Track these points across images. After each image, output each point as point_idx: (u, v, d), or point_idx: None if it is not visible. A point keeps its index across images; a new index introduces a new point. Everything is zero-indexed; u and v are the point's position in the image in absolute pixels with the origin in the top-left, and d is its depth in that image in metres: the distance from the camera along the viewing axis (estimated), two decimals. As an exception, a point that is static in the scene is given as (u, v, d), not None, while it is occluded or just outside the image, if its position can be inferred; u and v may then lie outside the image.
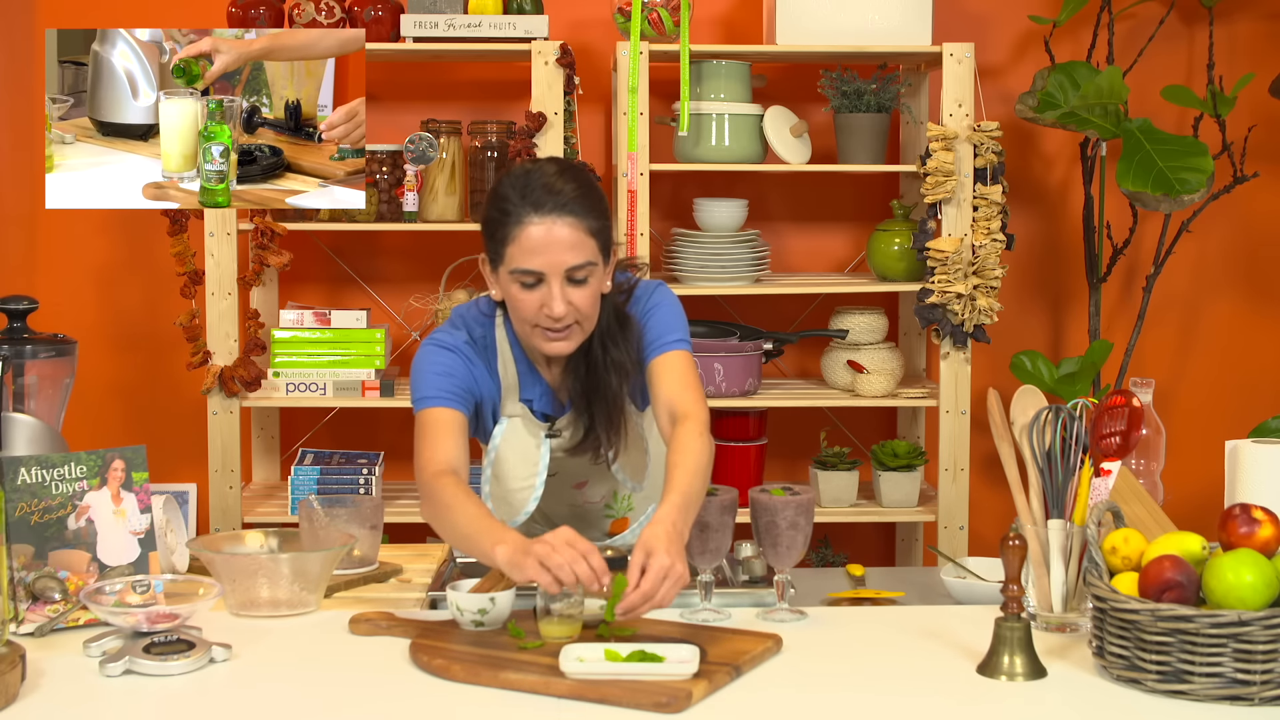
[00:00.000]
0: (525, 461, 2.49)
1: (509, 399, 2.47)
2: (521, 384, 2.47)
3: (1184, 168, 3.69)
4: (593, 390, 2.42)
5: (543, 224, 2.27)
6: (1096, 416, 2.19)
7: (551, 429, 2.48)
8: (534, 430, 2.48)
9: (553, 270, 2.28)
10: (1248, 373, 4.27)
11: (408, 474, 4.18)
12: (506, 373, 2.46)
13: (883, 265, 3.90)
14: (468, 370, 2.41)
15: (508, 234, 2.29)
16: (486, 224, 2.34)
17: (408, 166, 3.73)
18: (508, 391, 2.47)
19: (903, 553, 4.16)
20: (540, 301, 2.29)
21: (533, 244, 2.27)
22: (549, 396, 2.49)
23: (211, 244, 3.72)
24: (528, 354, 2.47)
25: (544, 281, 2.29)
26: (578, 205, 2.29)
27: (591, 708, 1.84)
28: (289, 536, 2.36)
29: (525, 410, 2.48)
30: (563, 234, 2.27)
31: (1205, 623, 1.82)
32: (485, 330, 2.46)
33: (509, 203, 2.29)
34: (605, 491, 2.59)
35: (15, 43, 4.06)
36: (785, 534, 2.20)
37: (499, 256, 2.32)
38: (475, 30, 3.73)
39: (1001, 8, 4.15)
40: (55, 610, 2.15)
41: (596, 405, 2.43)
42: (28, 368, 2.55)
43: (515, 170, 2.35)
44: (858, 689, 1.93)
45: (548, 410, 2.49)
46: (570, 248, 2.27)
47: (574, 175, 2.32)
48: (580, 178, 2.32)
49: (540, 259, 2.27)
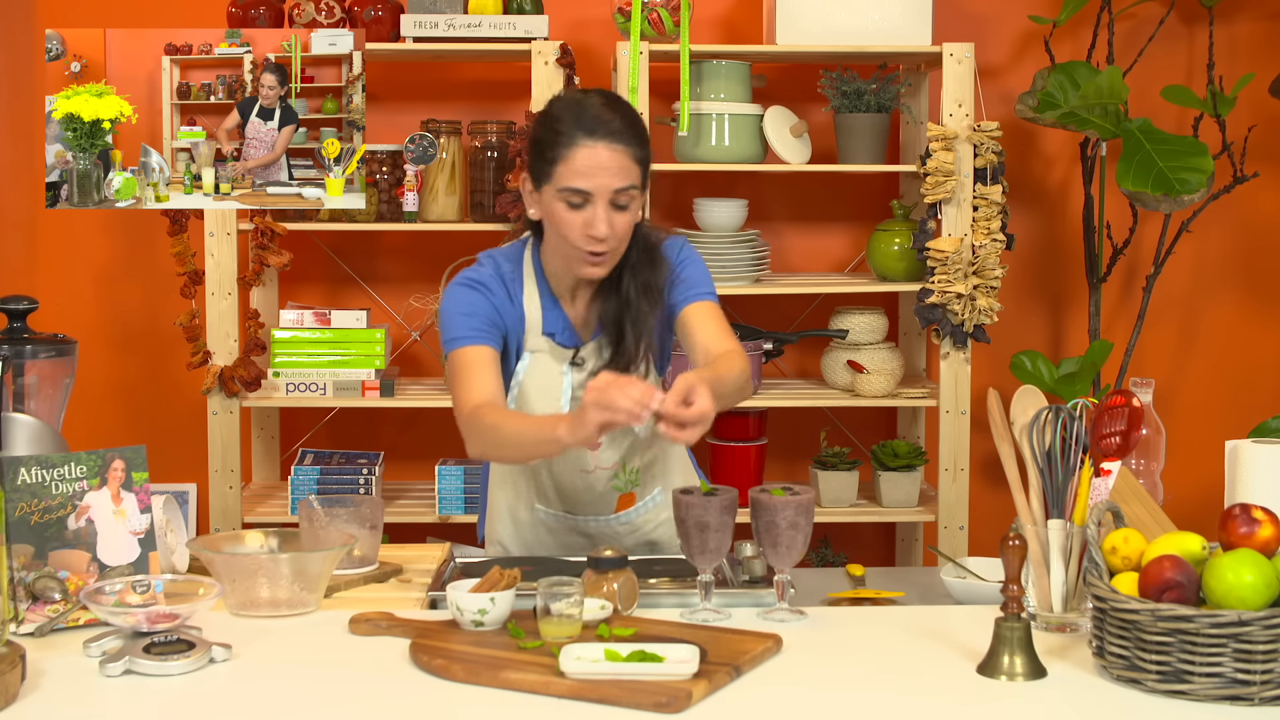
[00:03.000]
0: (548, 395, 2.55)
1: (532, 332, 2.55)
2: (545, 317, 2.54)
3: (1184, 168, 3.69)
4: (624, 311, 2.52)
5: (594, 147, 2.39)
6: (1096, 416, 2.19)
7: (575, 357, 2.55)
8: (558, 359, 2.55)
9: (600, 192, 2.39)
10: (1247, 373, 4.27)
11: (408, 474, 4.18)
12: (531, 305, 2.54)
13: (883, 265, 3.90)
14: (492, 305, 2.51)
15: (558, 154, 2.40)
16: (536, 144, 2.45)
17: (408, 166, 3.73)
18: (531, 324, 2.54)
19: (903, 553, 4.16)
20: (584, 222, 2.40)
21: (584, 165, 2.39)
22: (570, 331, 2.57)
23: (211, 244, 3.72)
24: (553, 288, 2.55)
25: (590, 202, 2.40)
26: (627, 134, 2.41)
27: (591, 708, 1.84)
28: (289, 536, 2.36)
29: (549, 343, 2.55)
30: (612, 159, 2.39)
31: (1205, 623, 1.82)
32: (514, 264, 2.56)
33: (562, 124, 2.41)
34: (616, 455, 2.62)
35: (15, 43, 4.06)
36: (785, 534, 2.20)
37: (546, 175, 2.42)
38: (475, 30, 3.73)
39: (1001, 8, 4.15)
40: (55, 610, 2.15)
41: (627, 325, 2.52)
42: (28, 368, 2.54)
43: (565, 96, 2.48)
44: (858, 689, 1.93)
45: (569, 344, 2.57)
46: (617, 172, 2.39)
47: (622, 106, 2.45)
48: (627, 109, 2.45)
49: (589, 180, 2.39)
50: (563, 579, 2.05)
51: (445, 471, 3.84)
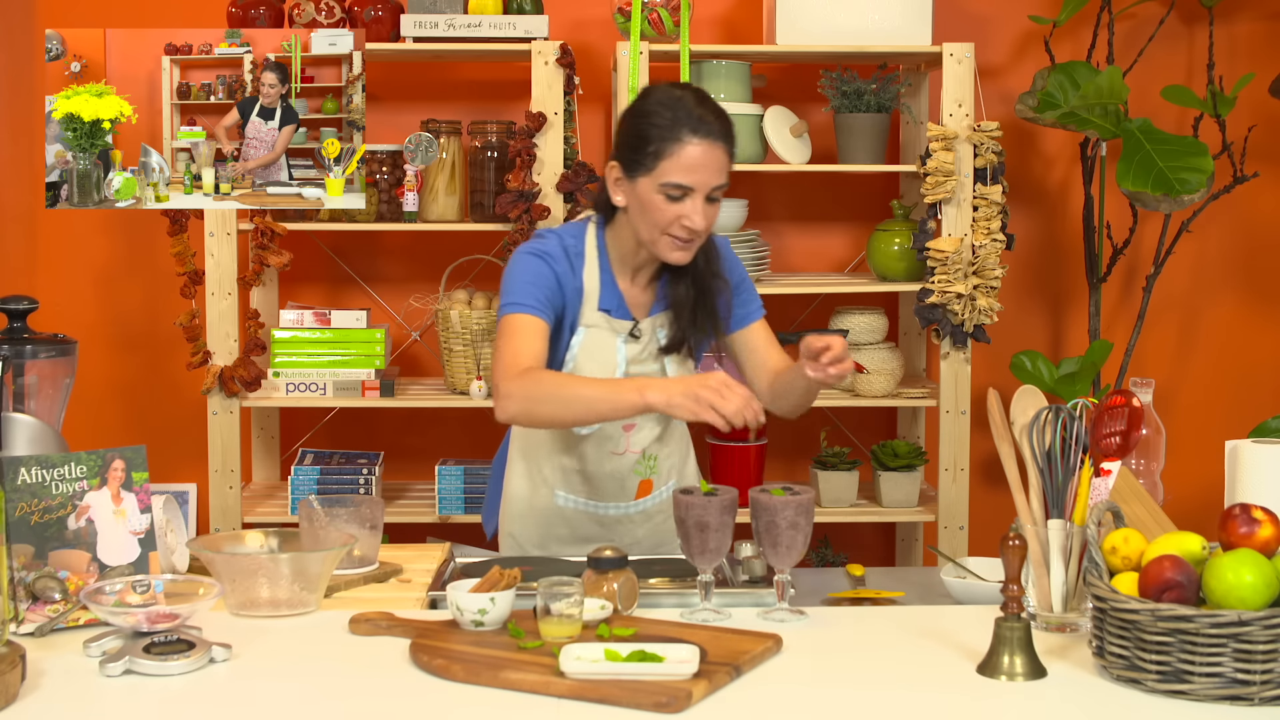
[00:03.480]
0: (603, 367, 2.63)
1: (588, 306, 2.63)
2: (602, 293, 2.63)
3: (1184, 168, 3.69)
4: (697, 292, 2.65)
5: (701, 145, 2.50)
6: (1096, 416, 2.19)
7: (634, 329, 2.65)
8: (614, 332, 2.64)
9: (701, 187, 2.51)
10: (1247, 373, 4.27)
11: (408, 474, 4.18)
12: (590, 279, 2.63)
13: (883, 265, 3.90)
14: (555, 279, 2.59)
15: (663, 149, 2.50)
16: (635, 135, 2.53)
17: (408, 166, 3.73)
18: (589, 298, 2.62)
19: (903, 553, 4.16)
20: (679, 214, 2.51)
21: (692, 161, 2.49)
22: (624, 308, 2.65)
23: (211, 244, 3.72)
24: (614, 267, 2.65)
25: (689, 196, 2.51)
26: (725, 133, 2.54)
27: (591, 708, 1.84)
28: (289, 536, 2.36)
29: (604, 318, 2.63)
30: (714, 157, 2.51)
31: (1205, 623, 1.82)
32: (576, 239, 2.64)
33: (664, 119, 2.51)
34: (645, 441, 2.72)
35: (15, 43, 4.06)
36: (785, 534, 2.20)
37: (645, 167, 2.52)
38: (475, 30, 3.73)
39: (1001, 8, 4.15)
40: (55, 610, 2.15)
41: (699, 305, 2.65)
42: (28, 368, 2.54)
43: (661, 92, 2.55)
44: (858, 689, 1.93)
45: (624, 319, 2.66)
46: (717, 170, 2.52)
47: (715, 104, 2.56)
48: (720, 109, 2.56)
49: (694, 176, 2.50)
50: (563, 579, 2.05)
51: (445, 471, 3.84)
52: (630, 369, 2.64)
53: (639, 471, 2.74)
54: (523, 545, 2.77)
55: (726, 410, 2.28)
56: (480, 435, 4.18)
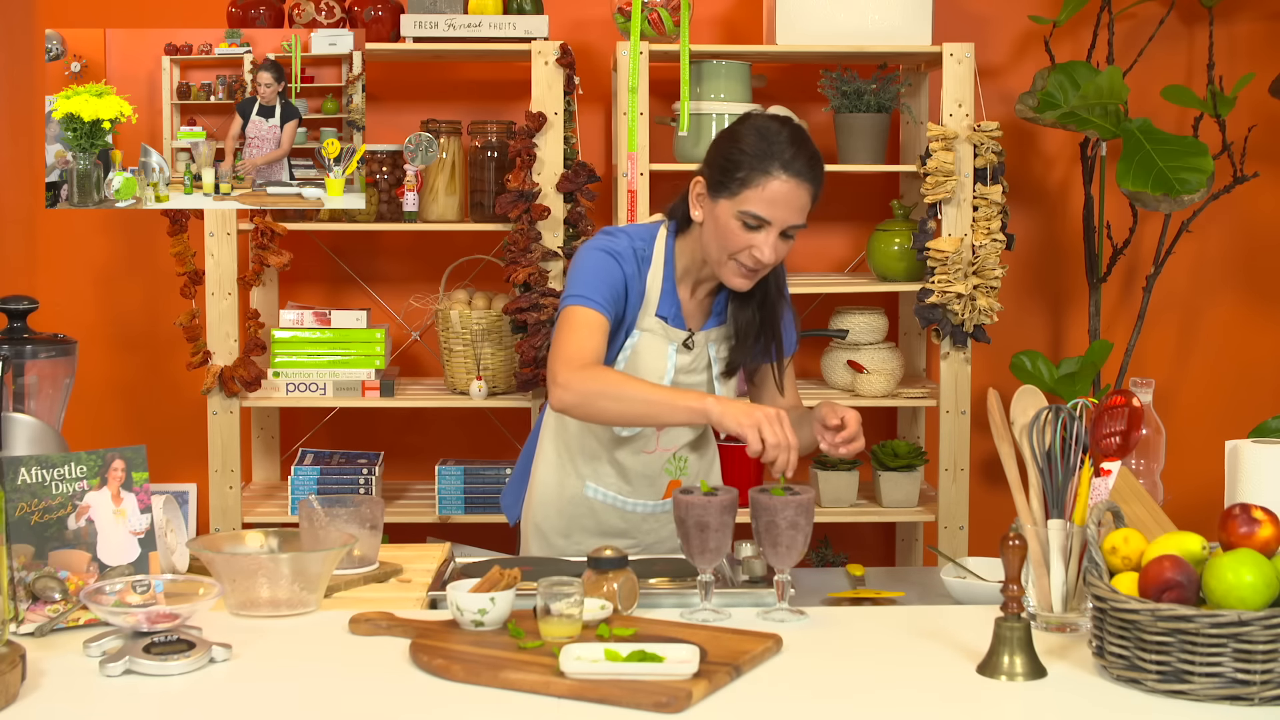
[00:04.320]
0: (653, 372, 2.65)
1: (648, 311, 2.64)
2: (662, 299, 2.65)
3: (1184, 168, 3.69)
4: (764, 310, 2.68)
5: (789, 183, 2.51)
6: (1096, 416, 2.19)
7: (689, 339, 2.67)
8: (668, 340, 2.66)
9: (779, 223, 2.53)
10: (1247, 373, 4.27)
11: (408, 474, 4.18)
12: (653, 283, 2.64)
13: (883, 265, 3.90)
14: (623, 276, 2.60)
15: (750, 178, 2.51)
16: (727, 157, 2.54)
17: (408, 166, 3.73)
18: (649, 302, 2.64)
19: (903, 553, 4.16)
20: (751, 243, 2.53)
21: (775, 196, 2.51)
22: (680, 317, 2.67)
23: (211, 244, 3.72)
24: (677, 275, 2.67)
25: (765, 229, 2.53)
26: (813, 174, 2.55)
27: (591, 708, 1.84)
28: (289, 536, 2.36)
29: (660, 324, 2.65)
30: (798, 197, 2.53)
31: (1205, 623, 1.82)
32: (646, 242, 2.66)
33: (759, 148, 2.51)
34: (677, 443, 2.76)
35: (15, 43, 4.06)
36: (785, 534, 2.20)
37: (729, 191, 2.53)
38: (475, 30, 3.73)
39: (1001, 8, 4.15)
40: (55, 610, 2.15)
41: (764, 324, 2.69)
42: (28, 368, 2.54)
43: (760, 121, 2.56)
44: (858, 689, 1.93)
45: (678, 328, 2.68)
46: (798, 210, 2.54)
47: (810, 144, 2.57)
48: (813, 147, 2.58)
49: (775, 211, 2.52)
50: (563, 579, 2.05)
51: (445, 471, 3.84)
52: (679, 378, 2.67)
53: (669, 471, 2.77)
54: (546, 534, 2.78)
55: (769, 440, 2.34)
56: (480, 435, 4.18)
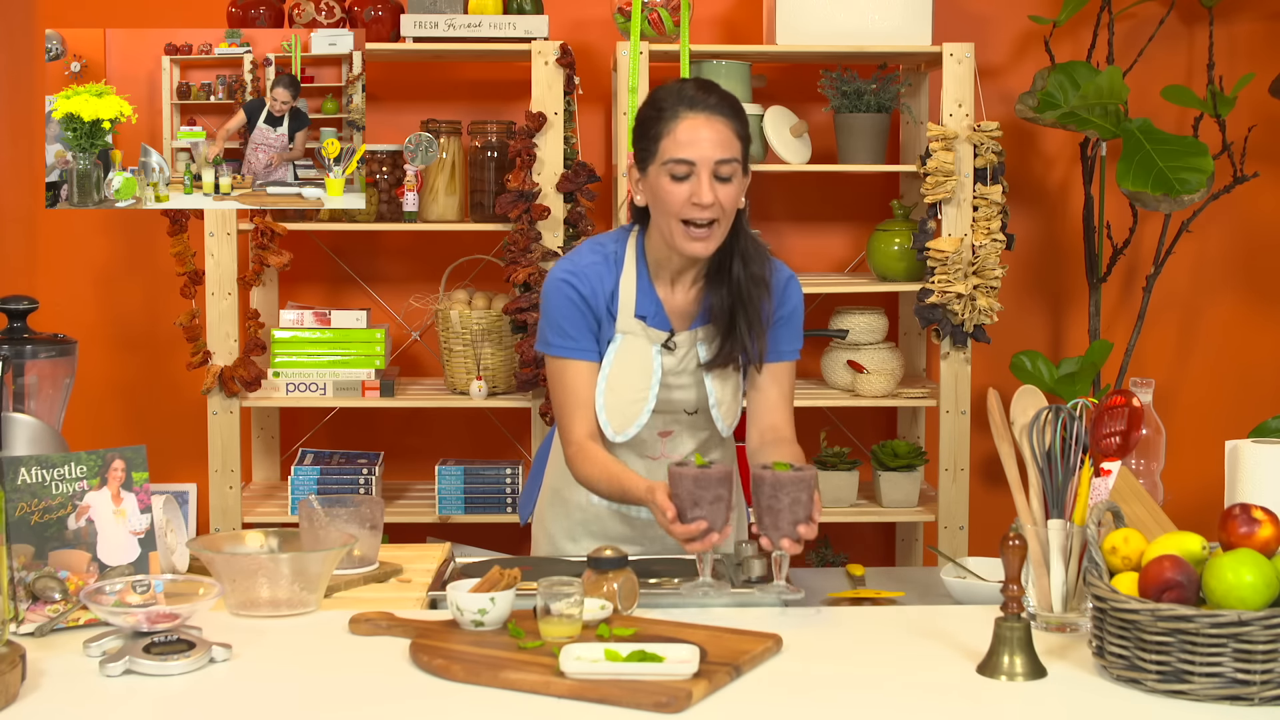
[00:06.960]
0: (639, 376, 2.62)
1: (624, 313, 2.61)
2: (639, 300, 2.61)
3: (1184, 168, 3.69)
4: (736, 298, 2.59)
5: (697, 118, 2.49)
6: (1096, 416, 2.19)
7: (669, 341, 2.62)
8: (650, 341, 2.62)
9: (703, 161, 2.48)
10: (1247, 373, 4.27)
11: (408, 474, 4.18)
12: (626, 285, 2.61)
13: (883, 265, 3.90)
14: (585, 305, 2.59)
15: (661, 129, 2.50)
16: (640, 126, 2.55)
17: (408, 166, 3.73)
18: (624, 305, 2.61)
19: (903, 553, 4.16)
20: (689, 192, 2.48)
21: (686, 136, 2.48)
22: (662, 316, 2.62)
23: (211, 244, 3.72)
24: (652, 274, 2.63)
25: (694, 173, 2.48)
26: (725, 108, 2.51)
27: (591, 708, 1.84)
28: (289, 536, 2.36)
29: (640, 325, 2.61)
30: (712, 130, 2.49)
31: (1205, 623, 1.82)
32: (618, 244, 2.64)
33: (664, 103, 2.52)
34: (686, 450, 2.69)
35: (15, 43, 4.06)
36: (787, 510, 2.25)
37: (651, 153, 2.52)
38: (475, 30, 3.74)
39: (1001, 8, 4.15)
40: (55, 610, 2.15)
41: (740, 313, 2.60)
42: (28, 368, 2.54)
43: (664, 85, 2.58)
44: (858, 689, 1.93)
45: (661, 328, 2.64)
46: (719, 144, 2.48)
47: (716, 87, 2.54)
48: (722, 90, 2.54)
49: (692, 149, 2.47)
50: (563, 579, 2.06)
51: (445, 471, 3.84)
52: (668, 379, 2.62)
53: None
54: (553, 537, 2.77)
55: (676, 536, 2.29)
56: (480, 435, 4.18)
